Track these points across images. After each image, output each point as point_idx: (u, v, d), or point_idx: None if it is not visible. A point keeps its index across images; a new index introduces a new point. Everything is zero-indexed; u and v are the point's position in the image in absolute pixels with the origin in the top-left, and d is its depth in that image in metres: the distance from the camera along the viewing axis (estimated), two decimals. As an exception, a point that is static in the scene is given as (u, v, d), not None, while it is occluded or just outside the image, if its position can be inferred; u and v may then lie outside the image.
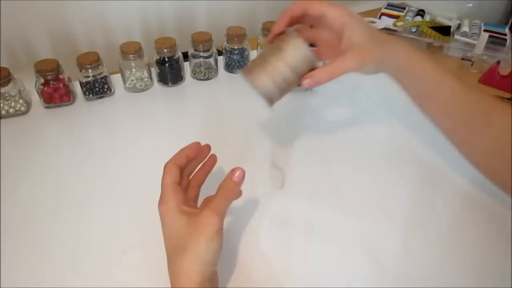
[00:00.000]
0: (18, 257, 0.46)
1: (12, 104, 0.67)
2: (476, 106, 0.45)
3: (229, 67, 0.82)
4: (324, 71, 0.43)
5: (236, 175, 0.39)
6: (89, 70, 0.69)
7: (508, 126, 0.43)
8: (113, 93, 0.74)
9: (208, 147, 0.46)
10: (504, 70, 0.81)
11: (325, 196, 0.54)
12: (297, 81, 0.43)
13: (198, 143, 0.44)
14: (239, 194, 0.40)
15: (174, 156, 0.42)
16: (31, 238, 0.48)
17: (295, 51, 0.42)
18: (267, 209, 0.52)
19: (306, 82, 0.42)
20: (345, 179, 0.56)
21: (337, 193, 0.54)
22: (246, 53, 0.80)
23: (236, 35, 0.77)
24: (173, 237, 0.37)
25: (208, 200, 0.43)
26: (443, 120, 0.48)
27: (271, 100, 0.43)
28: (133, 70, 0.73)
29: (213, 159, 0.47)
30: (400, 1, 1.10)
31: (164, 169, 0.41)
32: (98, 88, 0.71)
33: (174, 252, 0.36)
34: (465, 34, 0.94)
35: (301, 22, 0.46)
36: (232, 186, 0.38)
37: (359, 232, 0.49)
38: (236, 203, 0.52)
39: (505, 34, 0.92)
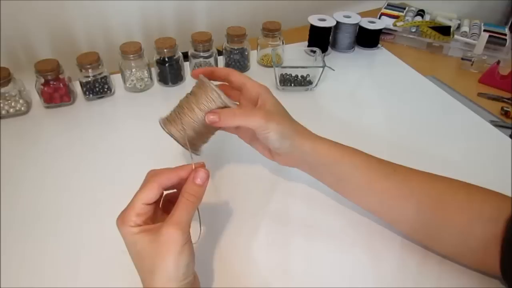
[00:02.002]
0: (18, 257, 0.46)
1: (12, 104, 0.67)
2: (393, 178, 0.45)
3: (229, 67, 0.82)
4: (230, 114, 0.43)
5: (199, 177, 0.36)
6: (89, 70, 0.69)
7: (427, 191, 0.44)
8: (113, 93, 0.74)
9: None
10: (504, 70, 0.81)
11: (325, 196, 0.54)
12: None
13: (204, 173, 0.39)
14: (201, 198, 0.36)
15: (164, 175, 0.37)
16: (31, 238, 0.48)
17: (200, 90, 0.45)
18: (267, 209, 0.52)
19: (210, 117, 0.42)
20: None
21: (337, 193, 0.54)
22: (246, 53, 0.80)
23: (236, 35, 0.77)
24: (138, 257, 0.35)
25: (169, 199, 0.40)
26: (364, 199, 0.47)
27: (183, 140, 0.44)
28: (133, 70, 0.73)
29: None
30: (400, 1, 1.10)
31: (146, 183, 0.37)
32: (98, 88, 0.71)
33: (144, 271, 0.34)
34: (465, 34, 0.94)
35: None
36: (196, 190, 0.35)
37: (359, 232, 0.49)
38: (235, 204, 0.53)
39: (505, 34, 0.92)
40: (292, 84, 0.77)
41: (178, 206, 0.34)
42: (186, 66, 0.80)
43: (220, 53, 0.82)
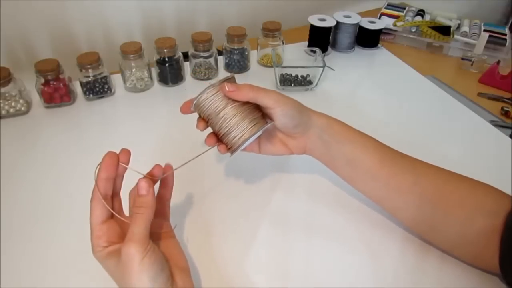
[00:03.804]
0: (18, 257, 0.46)
1: (13, 104, 0.67)
2: (400, 164, 0.45)
3: (229, 67, 0.82)
4: (248, 86, 0.43)
5: (140, 188, 0.36)
6: (90, 70, 0.69)
7: (432, 179, 0.44)
8: (113, 93, 0.74)
9: (124, 154, 0.41)
10: (504, 70, 0.81)
11: (325, 196, 0.54)
12: (230, 109, 0.43)
13: (111, 158, 0.39)
14: (154, 206, 0.36)
15: (94, 189, 0.38)
16: (31, 238, 0.48)
17: (202, 108, 0.44)
18: (267, 209, 0.52)
19: (229, 86, 0.42)
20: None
21: (337, 193, 0.54)
22: (246, 53, 0.80)
23: (236, 35, 0.77)
24: (114, 279, 0.35)
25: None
26: (371, 184, 0.47)
27: (256, 128, 0.43)
28: (133, 70, 0.73)
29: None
30: (400, 1, 1.10)
31: (90, 206, 0.38)
32: (98, 88, 0.71)
33: None
34: (465, 34, 0.94)
35: None
36: (142, 201, 0.35)
37: (359, 232, 0.49)
38: (235, 204, 0.53)
39: (505, 34, 0.92)
40: (292, 84, 0.77)
41: (131, 222, 0.34)
42: (186, 66, 0.80)
43: (220, 53, 0.82)
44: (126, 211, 0.42)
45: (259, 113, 0.45)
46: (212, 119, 0.44)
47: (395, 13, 1.02)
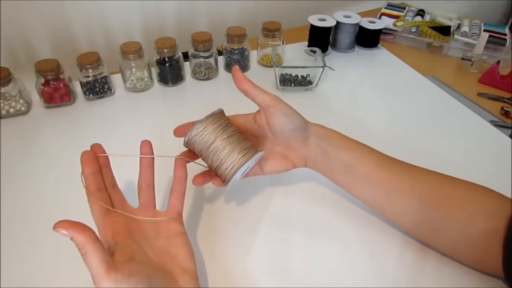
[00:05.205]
0: (18, 257, 0.46)
1: (13, 104, 0.67)
2: (396, 169, 0.46)
3: (229, 67, 0.82)
4: (250, 83, 0.46)
5: (64, 235, 0.32)
6: (90, 70, 0.69)
7: (429, 183, 0.44)
8: (113, 93, 0.74)
9: (97, 148, 0.43)
10: (504, 70, 0.81)
11: (325, 197, 0.54)
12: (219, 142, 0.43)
13: (86, 154, 0.41)
14: (92, 235, 0.33)
15: (87, 190, 0.39)
16: (31, 238, 0.48)
17: (195, 144, 0.44)
18: (267, 209, 0.52)
19: (235, 67, 0.46)
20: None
21: (336, 194, 0.54)
22: (246, 53, 0.80)
23: (236, 35, 0.77)
24: None
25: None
26: (370, 190, 0.47)
27: (248, 156, 0.43)
28: (133, 70, 0.73)
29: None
30: (400, 1, 1.11)
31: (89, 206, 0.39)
32: (98, 88, 0.71)
33: None
34: (465, 34, 0.94)
35: None
36: (77, 243, 0.33)
37: (359, 232, 0.49)
38: (236, 203, 0.53)
39: (505, 34, 0.92)
40: (292, 84, 0.77)
41: (87, 266, 0.33)
42: (186, 66, 0.80)
43: (220, 53, 0.82)
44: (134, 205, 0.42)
45: (249, 143, 0.45)
46: (204, 153, 0.44)
47: (395, 13, 1.02)
